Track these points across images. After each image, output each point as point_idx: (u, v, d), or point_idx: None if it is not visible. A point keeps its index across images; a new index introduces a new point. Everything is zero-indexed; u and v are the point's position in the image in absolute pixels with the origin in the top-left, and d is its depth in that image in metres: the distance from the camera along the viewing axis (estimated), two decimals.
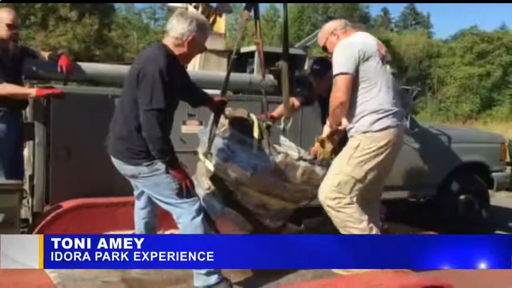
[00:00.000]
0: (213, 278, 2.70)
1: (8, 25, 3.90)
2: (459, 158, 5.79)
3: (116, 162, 2.87)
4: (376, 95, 2.89)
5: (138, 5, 42.55)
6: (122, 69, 4.48)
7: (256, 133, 3.32)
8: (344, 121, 3.03)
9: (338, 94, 2.90)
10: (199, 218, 2.72)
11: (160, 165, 2.71)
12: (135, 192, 3.17)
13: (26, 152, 4.41)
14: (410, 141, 5.49)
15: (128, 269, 3.07)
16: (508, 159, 6.28)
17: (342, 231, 2.93)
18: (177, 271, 3.09)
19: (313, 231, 3.98)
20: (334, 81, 2.94)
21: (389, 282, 2.38)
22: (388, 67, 3.05)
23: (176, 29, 2.75)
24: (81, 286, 2.77)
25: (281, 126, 3.43)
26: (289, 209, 3.37)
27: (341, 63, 2.89)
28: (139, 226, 3.21)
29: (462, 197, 5.82)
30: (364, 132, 2.89)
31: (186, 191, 2.71)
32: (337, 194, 2.91)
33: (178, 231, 3.71)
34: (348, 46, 2.92)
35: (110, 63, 6.07)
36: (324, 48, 3.27)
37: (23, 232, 3.69)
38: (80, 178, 3.93)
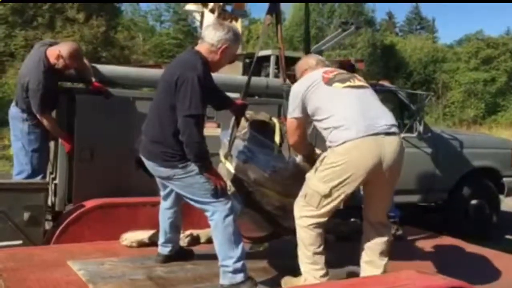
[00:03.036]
0: (239, 277, 2.76)
1: (65, 65, 3.93)
2: (471, 163, 5.86)
3: (149, 164, 2.94)
4: (332, 115, 2.77)
5: (144, 7, 42.64)
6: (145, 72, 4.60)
7: (277, 137, 3.40)
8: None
9: (288, 137, 3.09)
10: (231, 217, 2.80)
11: (194, 167, 2.79)
12: (162, 193, 3.24)
13: None
14: (422, 146, 5.57)
15: (153, 267, 3.16)
16: None
17: (299, 251, 2.89)
18: (202, 270, 3.17)
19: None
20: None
21: (415, 282, 2.43)
22: (339, 84, 2.85)
23: (213, 36, 2.85)
24: (110, 283, 2.83)
25: None
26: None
27: (289, 108, 2.97)
28: (163, 226, 3.28)
29: (473, 201, 5.89)
30: (329, 147, 2.78)
31: (220, 190, 2.79)
32: (306, 206, 2.81)
33: (199, 231, 3.84)
34: (294, 93, 2.95)
35: (129, 66, 6.12)
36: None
37: (46, 231, 3.77)
38: (102, 178, 4.01)
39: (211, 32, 2.87)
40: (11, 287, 2.72)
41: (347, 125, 2.68)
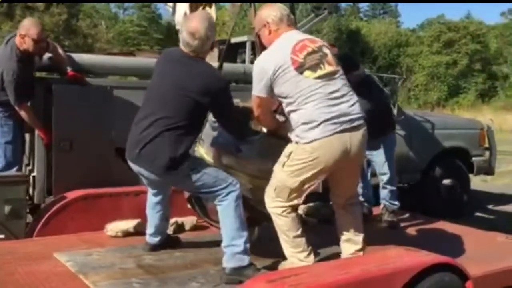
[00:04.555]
0: (246, 260, 2.78)
1: (34, 40, 3.83)
2: (442, 144, 6.05)
3: (151, 175, 2.89)
4: (300, 108, 2.70)
5: None
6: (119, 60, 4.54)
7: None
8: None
9: (255, 111, 3.00)
10: (240, 201, 2.84)
11: (196, 160, 2.88)
12: (152, 191, 3.21)
13: None
14: (396, 128, 5.69)
15: (142, 256, 3.16)
16: (486, 145, 6.56)
17: (280, 238, 2.91)
18: (191, 256, 3.19)
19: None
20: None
21: (403, 259, 2.53)
22: (310, 73, 2.71)
23: (206, 42, 2.89)
24: (101, 272, 2.81)
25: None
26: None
27: (255, 84, 2.85)
28: (153, 218, 3.25)
29: (444, 181, 6.08)
30: (296, 143, 2.74)
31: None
32: (276, 198, 2.83)
33: (183, 219, 3.85)
34: (260, 70, 2.80)
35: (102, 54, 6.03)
36: (258, 36, 3.09)
37: (28, 223, 3.71)
38: (82, 169, 3.96)
39: (202, 39, 2.86)
40: (0, 280, 2.68)
41: (316, 123, 2.67)
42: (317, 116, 2.67)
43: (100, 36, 30.93)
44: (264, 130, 3.31)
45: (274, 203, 2.86)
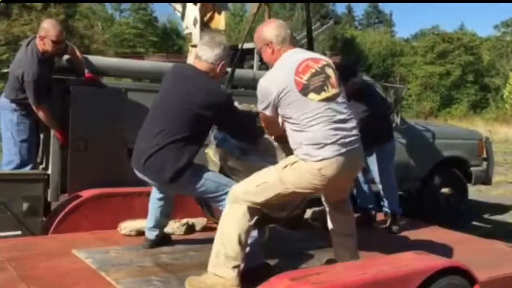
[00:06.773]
0: (260, 259, 2.89)
1: (54, 42, 3.93)
2: (442, 153, 6.18)
3: (157, 183, 3.07)
4: (304, 130, 2.68)
5: None
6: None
7: None
8: None
9: (262, 122, 3.09)
10: None
11: (198, 168, 2.96)
12: (156, 187, 3.32)
13: None
14: (398, 137, 5.83)
15: (158, 255, 3.25)
16: (484, 155, 6.72)
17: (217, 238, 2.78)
18: (205, 256, 3.25)
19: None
20: None
21: (415, 262, 2.64)
22: (314, 96, 2.69)
23: (211, 55, 3.00)
24: (121, 270, 2.89)
25: None
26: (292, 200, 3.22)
27: (259, 102, 2.84)
28: (154, 213, 3.38)
29: (443, 190, 6.22)
30: (303, 160, 2.68)
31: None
32: (252, 193, 2.72)
33: (194, 220, 3.95)
34: (264, 91, 2.77)
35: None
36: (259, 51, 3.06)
37: (42, 221, 3.79)
38: (96, 168, 4.05)
39: (208, 52, 2.99)
40: (23, 275, 2.75)
41: (323, 144, 2.65)
42: (322, 139, 2.66)
43: (96, 38, 30.90)
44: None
45: (246, 196, 2.72)
